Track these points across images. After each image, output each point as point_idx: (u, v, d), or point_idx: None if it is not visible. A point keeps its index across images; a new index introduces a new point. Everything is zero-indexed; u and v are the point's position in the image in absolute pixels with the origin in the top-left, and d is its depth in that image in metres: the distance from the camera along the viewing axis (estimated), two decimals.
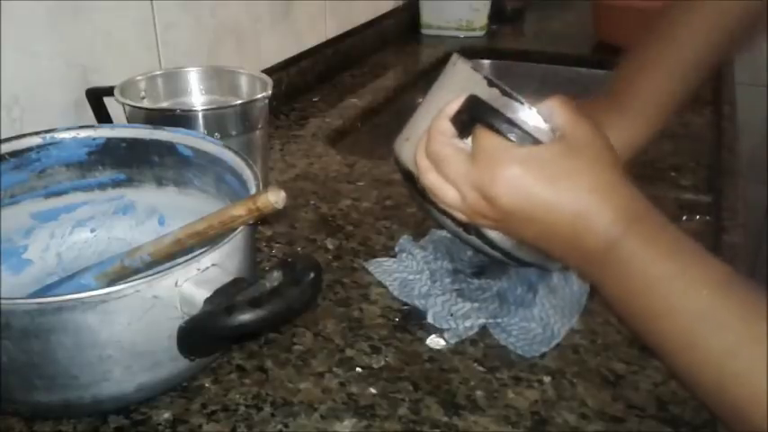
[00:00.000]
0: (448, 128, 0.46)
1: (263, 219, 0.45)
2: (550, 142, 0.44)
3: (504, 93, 0.46)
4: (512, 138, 0.44)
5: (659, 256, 0.42)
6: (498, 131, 0.44)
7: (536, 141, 0.44)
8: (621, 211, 0.42)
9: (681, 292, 0.40)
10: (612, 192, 0.43)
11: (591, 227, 0.42)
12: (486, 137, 0.44)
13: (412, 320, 0.56)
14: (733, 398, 0.38)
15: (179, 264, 0.42)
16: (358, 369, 0.51)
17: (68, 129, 0.57)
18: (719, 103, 1.04)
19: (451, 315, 0.55)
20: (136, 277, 0.41)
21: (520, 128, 0.44)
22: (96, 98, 0.69)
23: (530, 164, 0.43)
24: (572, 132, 0.44)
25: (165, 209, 0.61)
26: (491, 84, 0.47)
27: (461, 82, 0.49)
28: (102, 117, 0.70)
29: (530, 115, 0.45)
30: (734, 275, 0.41)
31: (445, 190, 0.47)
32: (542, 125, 0.45)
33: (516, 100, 0.46)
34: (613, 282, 0.43)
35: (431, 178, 0.47)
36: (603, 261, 0.43)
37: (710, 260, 0.42)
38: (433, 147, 0.46)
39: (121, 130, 0.59)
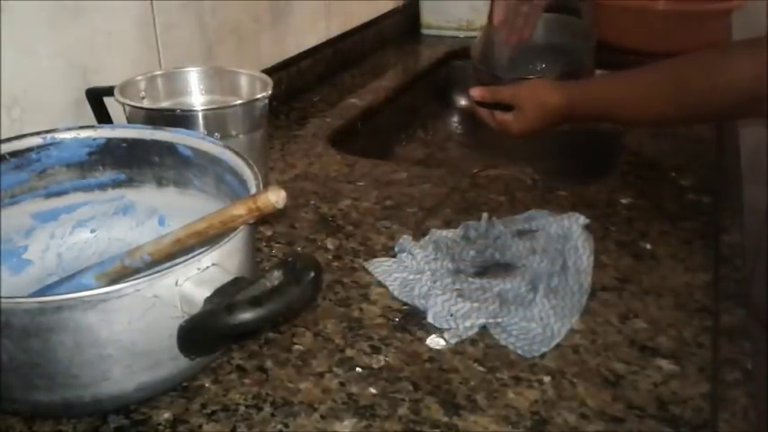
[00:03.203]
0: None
1: (263, 219, 0.45)
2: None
3: None
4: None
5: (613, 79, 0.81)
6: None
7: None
8: (564, 99, 0.81)
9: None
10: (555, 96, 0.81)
11: (552, 104, 0.81)
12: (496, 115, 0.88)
13: (412, 320, 0.56)
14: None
15: (179, 263, 0.42)
16: (358, 369, 0.51)
17: (69, 129, 0.57)
18: None
19: (451, 315, 0.55)
20: (136, 277, 0.41)
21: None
22: (96, 98, 0.69)
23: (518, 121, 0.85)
24: (520, 100, 0.84)
25: (165, 209, 0.61)
26: None
27: None
28: (103, 117, 0.70)
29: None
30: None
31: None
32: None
33: None
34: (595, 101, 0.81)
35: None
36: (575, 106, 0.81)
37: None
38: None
39: (122, 130, 0.59)
